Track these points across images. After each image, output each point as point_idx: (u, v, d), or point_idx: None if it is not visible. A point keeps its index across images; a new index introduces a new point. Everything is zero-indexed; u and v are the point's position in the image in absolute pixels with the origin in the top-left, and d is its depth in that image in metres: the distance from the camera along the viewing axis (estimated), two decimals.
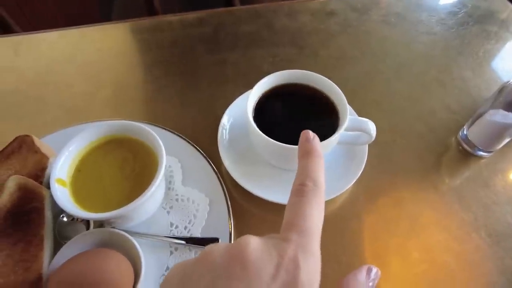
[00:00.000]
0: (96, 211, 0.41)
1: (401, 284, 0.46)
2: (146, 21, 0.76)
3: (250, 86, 0.61)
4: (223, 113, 0.58)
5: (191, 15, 0.76)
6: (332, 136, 0.45)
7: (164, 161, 0.42)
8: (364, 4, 0.79)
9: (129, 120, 0.49)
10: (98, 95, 0.65)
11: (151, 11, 1.21)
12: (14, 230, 0.42)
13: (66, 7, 1.67)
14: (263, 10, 0.78)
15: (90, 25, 0.75)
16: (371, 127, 0.48)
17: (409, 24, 0.75)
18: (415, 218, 0.51)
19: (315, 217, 0.25)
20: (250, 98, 0.49)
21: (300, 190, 0.26)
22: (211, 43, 0.72)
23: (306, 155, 0.29)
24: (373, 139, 0.49)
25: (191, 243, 0.45)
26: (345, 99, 0.48)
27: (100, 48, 0.72)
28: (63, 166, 0.43)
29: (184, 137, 0.55)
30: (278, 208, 0.49)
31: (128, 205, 0.40)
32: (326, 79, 0.50)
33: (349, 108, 0.48)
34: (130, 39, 0.73)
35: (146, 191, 0.41)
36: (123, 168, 0.45)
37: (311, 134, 0.31)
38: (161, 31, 0.73)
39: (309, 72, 0.51)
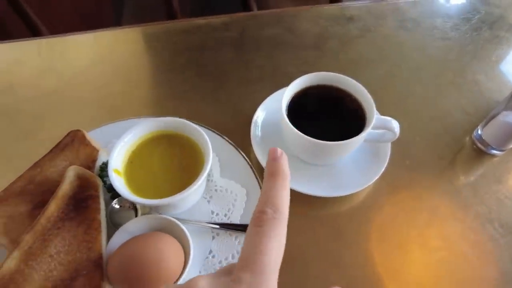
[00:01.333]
0: (148, 198, 0.45)
1: (421, 269, 0.50)
2: (176, 24, 0.80)
3: (275, 87, 0.66)
4: (252, 111, 0.63)
5: (217, 19, 0.81)
6: (361, 134, 0.50)
7: (211, 155, 0.47)
8: (381, 10, 0.83)
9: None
10: (134, 94, 0.70)
11: (170, 13, 1.25)
12: (76, 214, 0.47)
13: (81, 8, 1.72)
14: (285, 14, 0.82)
15: (123, 27, 0.80)
16: (395, 125, 0.53)
17: (424, 29, 0.79)
18: (433, 210, 0.56)
19: (273, 253, 0.23)
20: (284, 97, 0.53)
21: (259, 218, 0.24)
22: (237, 46, 0.76)
23: (271, 176, 0.26)
24: (397, 136, 0.53)
25: (231, 229, 0.50)
26: (371, 99, 0.53)
27: (133, 50, 0.77)
28: (118, 158, 0.48)
29: (219, 133, 0.59)
30: (307, 198, 0.54)
31: (180, 193, 0.44)
32: (354, 81, 0.55)
33: None
34: (162, 41, 0.77)
35: (196, 181, 0.45)
36: (172, 161, 0.50)
37: (278, 152, 0.27)
38: (190, 34, 0.78)
39: (337, 74, 0.55)
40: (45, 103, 0.69)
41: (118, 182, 0.46)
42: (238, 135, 0.60)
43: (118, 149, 0.48)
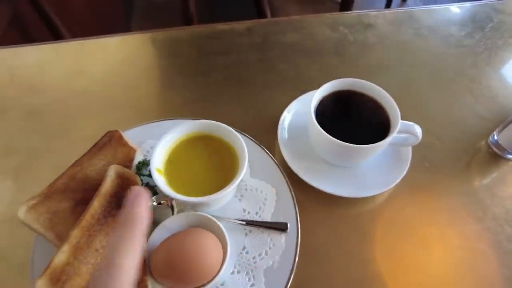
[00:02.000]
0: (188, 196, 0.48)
1: (442, 267, 0.53)
2: (200, 29, 0.83)
3: (298, 91, 0.68)
4: (276, 114, 0.65)
5: (241, 25, 0.83)
6: (387, 138, 0.53)
7: (247, 156, 0.50)
8: (398, 18, 0.86)
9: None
10: (161, 96, 0.73)
11: (187, 17, 1.28)
12: (117, 211, 0.49)
13: (96, 9, 1.75)
14: (306, 21, 0.85)
15: (150, 31, 0.82)
16: (418, 130, 0.56)
17: (440, 37, 0.82)
18: (452, 211, 0.58)
19: None
20: (313, 100, 0.56)
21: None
22: (260, 51, 0.79)
23: (124, 223, 0.26)
24: (419, 140, 0.56)
25: (263, 227, 0.52)
26: (396, 105, 0.56)
27: (160, 53, 0.80)
28: (158, 158, 0.51)
29: (247, 135, 0.62)
30: (331, 198, 0.57)
31: (219, 192, 0.47)
32: (379, 87, 0.57)
33: None
34: (188, 45, 0.80)
35: (233, 181, 0.48)
36: (208, 161, 0.52)
37: (136, 190, 0.27)
38: (214, 38, 0.81)
39: (363, 80, 0.58)
40: (76, 103, 0.71)
41: (160, 180, 0.48)
42: (264, 137, 0.63)
43: (159, 149, 0.51)
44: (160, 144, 0.51)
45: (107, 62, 0.79)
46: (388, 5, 2.18)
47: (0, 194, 0.61)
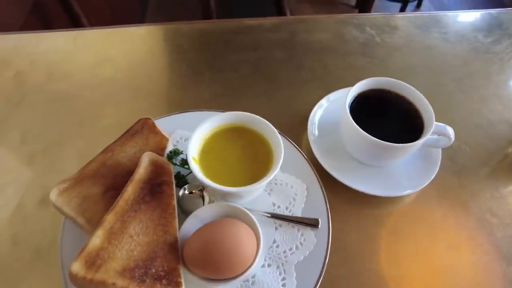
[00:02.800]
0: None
1: (471, 269, 0.53)
2: (228, 23, 0.83)
3: (326, 89, 0.68)
4: (304, 111, 0.65)
5: (268, 21, 0.83)
6: (421, 138, 0.53)
7: (282, 150, 0.49)
8: (425, 21, 0.86)
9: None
10: (189, 88, 0.72)
11: (207, 13, 1.28)
12: (151, 198, 0.49)
13: (113, 3, 1.76)
14: (333, 21, 0.85)
15: (177, 22, 0.82)
16: (451, 132, 0.55)
17: (467, 42, 0.82)
18: (480, 216, 0.58)
19: None
20: (348, 97, 0.56)
21: None
22: (288, 48, 0.79)
23: None
24: (451, 142, 0.56)
25: (294, 221, 0.52)
26: (430, 106, 0.55)
27: (187, 45, 0.80)
28: (194, 147, 0.50)
29: (277, 130, 0.61)
30: (362, 198, 0.56)
31: (255, 183, 0.47)
32: (413, 88, 0.57)
33: None
34: (215, 39, 0.80)
35: (269, 173, 0.48)
36: (241, 153, 0.52)
37: None
38: (242, 33, 0.81)
39: (398, 80, 0.58)
40: (103, 90, 0.71)
41: (196, 169, 0.48)
42: (292, 133, 0.62)
43: (195, 139, 0.51)
44: (196, 133, 0.51)
45: (133, 51, 0.79)
46: (402, 10, 2.19)
47: (27, 179, 0.61)
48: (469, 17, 0.88)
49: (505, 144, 0.67)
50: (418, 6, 2.37)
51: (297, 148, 0.60)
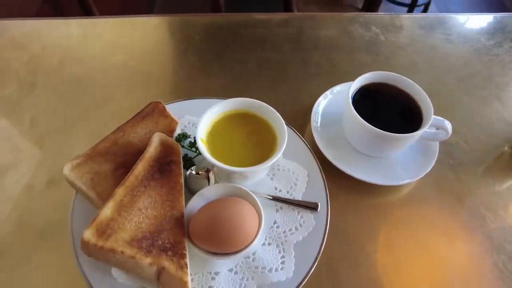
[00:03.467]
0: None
1: (466, 258, 0.55)
2: (237, 16, 0.85)
3: (331, 83, 0.71)
4: (309, 103, 0.68)
5: (277, 16, 0.86)
6: (420, 129, 0.55)
7: (286, 134, 0.52)
8: (429, 22, 0.88)
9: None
10: (198, 77, 0.75)
11: (216, 8, 1.31)
12: (160, 176, 0.52)
13: None
14: (340, 18, 0.88)
15: (188, 14, 0.85)
16: (448, 126, 0.58)
17: (470, 44, 0.84)
18: (474, 208, 0.60)
19: None
20: (351, 89, 0.58)
21: None
22: (296, 42, 0.81)
23: None
24: (449, 135, 0.58)
25: (295, 204, 0.55)
26: (429, 101, 0.58)
27: (197, 36, 0.82)
28: (202, 129, 0.53)
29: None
30: (362, 187, 0.59)
31: (260, 164, 0.49)
32: (414, 83, 0.60)
33: None
34: (225, 31, 0.83)
35: (273, 156, 0.50)
36: (247, 137, 0.55)
37: None
38: (251, 27, 0.83)
39: (399, 75, 0.61)
40: (115, 76, 0.74)
41: (204, 149, 0.50)
42: (296, 122, 0.65)
43: (203, 122, 0.53)
44: (205, 117, 0.53)
45: (145, 40, 0.81)
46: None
47: (41, 155, 0.63)
48: (473, 19, 0.90)
49: (502, 142, 0.69)
50: (425, 11, 2.39)
51: (300, 137, 0.62)
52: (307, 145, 0.61)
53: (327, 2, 2.28)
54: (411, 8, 2.24)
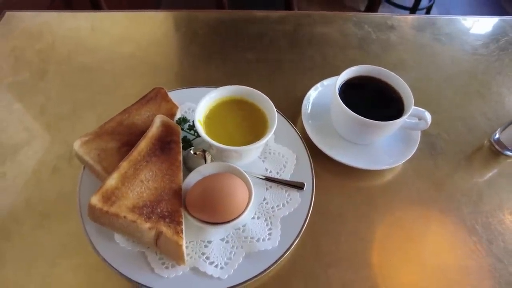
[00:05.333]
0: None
1: (439, 238, 0.60)
2: (238, 13, 0.91)
3: (324, 76, 0.76)
4: (301, 94, 0.73)
5: (275, 14, 0.91)
6: (401, 117, 0.60)
7: (276, 117, 0.57)
8: (420, 23, 0.93)
9: None
10: (200, 68, 0.80)
11: (220, 5, 1.36)
12: (161, 153, 0.57)
13: None
14: (335, 17, 0.93)
15: (193, 10, 0.90)
16: (428, 116, 0.62)
17: (457, 44, 0.89)
18: (451, 193, 0.65)
19: None
20: (338, 81, 0.63)
21: None
22: (292, 39, 0.87)
23: None
24: (428, 125, 0.63)
25: (283, 183, 0.60)
26: (410, 92, 0.62)
27: (201, 30, 0.88)
28: (200, 112, 0.58)
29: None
30: (347, 171, 0.63)
31: (253, 143, 0.54)
32: (397, 76, 0.64)
33: None
34: (226, 26, 0.88)
35: (265, 136, 0.55)
36: (241, 121, 0.60)
37: None
38: (251, 23, 0.89)
39: (384, 69, 0.65)
40: (123, 65, 0.79)
41: (201, 129, 0.56)
42: (289, 111, 0.70)
43: (201, 106, 0.58)
44: (202, 101, 0.58)
45: (151, 33, 0.87)
46: None
47: (52, 135, 0.69)
48: (463, 22, 0.95)
49: (482, 136, 0.73)
50: (427, 14, 2.43)
51: (291, 124, 0.67)
52: (297, 132, 0.66)
53: (329, 4, 2.34)
54: (412, 11, 2.29)
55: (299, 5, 1.58)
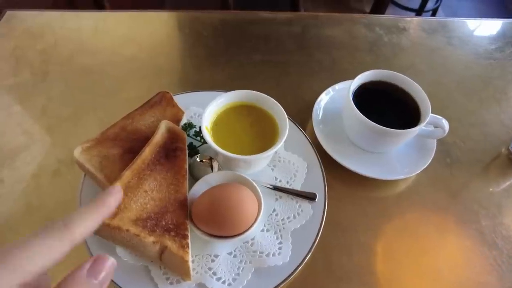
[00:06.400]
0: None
1: (456, 252, 0.57)
2: (244, 14, 0.88)
3: (333, 80, 0.73)
4: (311, 99, 0.70)
5: (282, 15, 0.88)
6: (418, 126, 0.57)
7: (287, 125, 0.54)
8: (432, 25, 0.90)
9: None
10: (205, 70, 0.77)
11: (226, 5, 1.34)
12: (166, 161, 0.54)
13: None
14: (344, 19, 0.90)
15: (198, 10, 0.88)
16: (445, 124, 0.60)
17: (470, 48, 0.86)
18: (468, 205, 0.62)
19: (32, 251, 0.23)
20: (352, 86, 0.60)
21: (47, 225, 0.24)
22: (299, 40, 0.84)
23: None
24: (445, 134, 0.60)
25: (293, 194, 0.57)
26: (427, 99, 0.60)
27: (206, 31, 0.85)
28: (207, 118, 0.55)
29: None
30: (359, 181, 0.61)
31: (262, 153, 0.52)
32: (413, 82, 0.62)
33: None
34: (231, 27, 0.85)
35: (275, 145, 0.52)
36: (250, 128, 0.57)
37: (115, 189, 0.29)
38: (257, 24, 0.86)
39: (400, 74, 0.63)
40: (125, 67, 0.77)
41: (208, 137, 0.53)
42: (298, 117, 0.67)
43: (208, 112, 0.55)
44: (210, 107, 0.56)
45: (154, 34, 0.84)
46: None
47: (52, 140, 0.66)
48: (475, 24, 0.92)
49: (498, 143, 0.70)
50: (432, 16, 2.41)
51: (301, 130, 0.64)
52: (307, 139, 0.63)
53: (334, 5, 2.31)
54: (418, 13, 2.26)
55: (304, 5, 1.56)
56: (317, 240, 0.53)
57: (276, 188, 0.57)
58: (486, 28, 0.92)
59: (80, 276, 0.24)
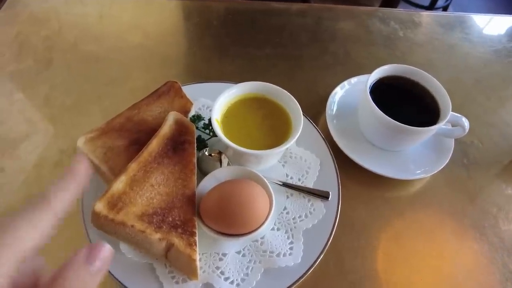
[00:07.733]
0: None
1: (473, 256, 0.54)
2: (256, 4, 0.85)
3: (347, 74, 0.70)
4: (324, 93, 0.67)
5: (295, 6, 0.85)
6: (437, 124, 0.54)
7: (302, 120, 0.52)
8: (449, 21, 0.87)
9: None
10: (215, 61, 0.75)
11: None
12: (173, 154, 0.52)
13: None
14: (358, 12, 0.87)
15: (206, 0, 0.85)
16: (466, 123, 0.57)
17: (489, 45, 0.83)
18: (485, 208, 0.59)
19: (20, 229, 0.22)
20: (369, 80, 0.57)
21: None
22: (313, 33, 0.81)
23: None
24: (465, 133, 0.57)
25: (305, 192, 0.54)
26: (448, 97, 0.57)
27: (216, 21, 0.82)
28: (217, 111, 0.53)
29: None
30: (374, 180, 0.58)
31: (275, 148, 0.49)
32: (433, 78, 0.59)
33: None
34: (243, 17, 0.82)
35: (288, 140, 0.50)
36: (261, 122, 0.54)
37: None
38: (269, 15, 0.83)
39: (420, 70, 0.60)
40: (132, 55, 0.74)
41: (219, 129, 0.50)
42: (311, 112, 0.64)
43: (219, 104, 0.53)
44: (220, 99, 0.53)
45: (162, 22, 0.81)
46: None
47: (54, 129, 0.64)
48: (494, 21, 0.89)
49: None
50: None
51: (314, 125, 0.62)
52: (320, 134, 0.61)
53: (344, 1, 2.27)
54: (429, 10, 2.21)
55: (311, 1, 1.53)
56: (330, 241, 0.50)
57: (287, 185, 0.55)
58: (505, 24, 0.89)
59: (77, 262, 0.24)
